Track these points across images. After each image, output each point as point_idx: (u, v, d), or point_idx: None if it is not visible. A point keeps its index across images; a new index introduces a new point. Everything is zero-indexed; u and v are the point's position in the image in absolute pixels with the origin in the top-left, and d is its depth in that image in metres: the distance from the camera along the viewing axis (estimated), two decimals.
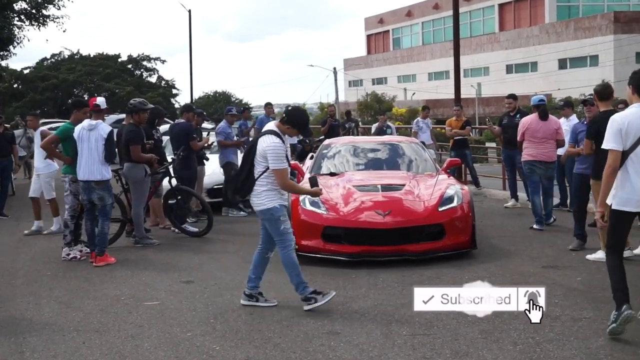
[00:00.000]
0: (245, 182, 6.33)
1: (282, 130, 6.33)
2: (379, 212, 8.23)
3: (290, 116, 6.35)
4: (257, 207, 6.38)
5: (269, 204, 6.32)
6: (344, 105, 60.08)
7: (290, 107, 6.60)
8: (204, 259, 8.78)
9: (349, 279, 7.50)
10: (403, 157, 10.50)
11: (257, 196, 6.34)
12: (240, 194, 6.41)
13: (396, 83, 69.43)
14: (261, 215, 6.39)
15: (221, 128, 12.59)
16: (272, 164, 6.18)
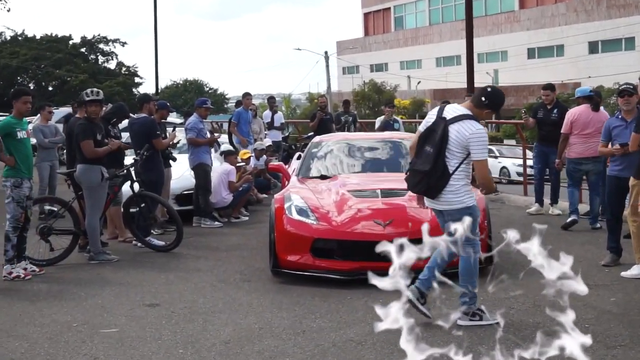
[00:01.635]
0: (441, 179, 6.32)
1: (479, 114, 6.38)
2: (378, 222, 8.24)
3: (492, 98, 6.36)
4: (453, 206, 6.36)
5: (469, 202, 6.37)
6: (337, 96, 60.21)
7: (489, 87, 6.59)
8: (172, 278, 8.75)
9: (343, 300, 7.50)
10: (406, 156, 10.49)
11: (454, 193, 6.35)
12: (431, 194, 6.42)
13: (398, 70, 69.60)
14: (456, 214, 6.24)
15: (192, 123, 12.55)
16: (477, 154, 6.25)
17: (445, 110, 6.44)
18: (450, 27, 65.23)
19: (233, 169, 13.28)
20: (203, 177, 12.35)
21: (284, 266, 8.41)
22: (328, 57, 62.95)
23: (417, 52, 69.81)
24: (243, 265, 9.29)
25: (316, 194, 8.98)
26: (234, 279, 8.59)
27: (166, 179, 12.12)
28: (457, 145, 6.29)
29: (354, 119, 18.57)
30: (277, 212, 8.64)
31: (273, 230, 8.58)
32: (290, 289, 8.04)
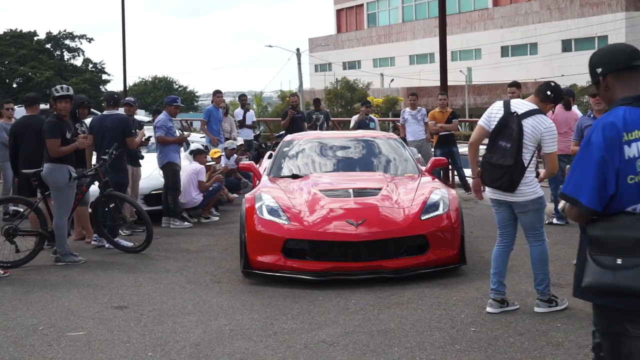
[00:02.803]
0: (521, 172, 6.73)
1: (543, 108, 6.81)
2: (350, 222, 8.27)
3: (557, 91, 6.84)
4: (528, 197, 6.79)
5: (540, 192, 6.83)
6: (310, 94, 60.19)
7: (551, 82, 7.00)
8: (141, 280, 8.72)
9: (314, 301, 7.52)
10: (379, 156, 10.55)
11: (528, 185, 6.78)
12: (512, 187, 6.77)
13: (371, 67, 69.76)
14: (530, 205, 6.81)
15: (161, 121, 12.49)
16: (549, 147, 6.70)
17: (512, 105, 6.80)
18: (423, 25, 65.51)
19: (203, 168, 13.25)
20: (172, 176, 12.30)
21: (255, 267, 8.41)
22: (300, 54, 62.93)
23: (390, 49, 70.03)
24: (213, 266, 9.28)
25: (288, 194, 8.99)
26: (204, 280, 8.58)
27: (135, 179, 12.07)
28: (531, 139, 6.70)
29: (326, 117, 18.59)
30: (247, 212, 8.64)
31: (244, 231, 8.57)
32: (261, 290, 8.05)
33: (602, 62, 3.58)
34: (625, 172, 3.41)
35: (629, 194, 3.42)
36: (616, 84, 3.55)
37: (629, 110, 3.46)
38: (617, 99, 3.55)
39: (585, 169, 3.46)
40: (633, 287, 3.30)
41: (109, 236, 10.47)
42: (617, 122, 3.43)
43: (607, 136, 3.42)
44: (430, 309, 7.14)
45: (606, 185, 3.42)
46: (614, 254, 3.37)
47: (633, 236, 3.35)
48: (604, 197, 3.43)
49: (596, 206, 3.43)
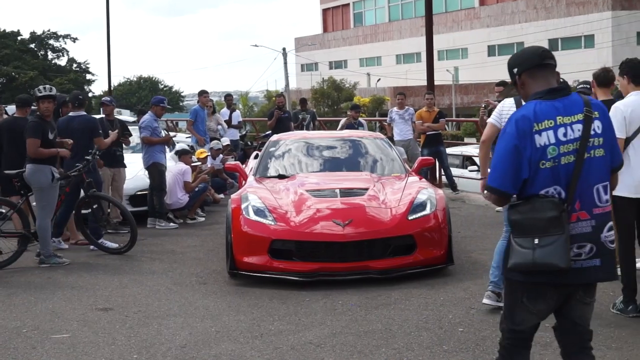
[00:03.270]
0: None
1: None
2: (337, 222, 8.26)
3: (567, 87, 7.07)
4: None
5: None
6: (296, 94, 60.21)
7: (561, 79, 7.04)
8: (126, 281, 8.69)
9: (301, 302, 7.51)
10: (366, 155, 10.55)
11: None
12: None
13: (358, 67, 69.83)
14: None
15: (146, 122, 12.46)
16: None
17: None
18: (410, 24, 65.61)
19: (188, 168, 13.21)
20: (157, 177, 12.27)
21: (241, 268, 8.39)
22: (286, 54, 62.94)
23: (377, 49, 70.10)
24: (199, 268, 9.25)
25: (274, 194, 8.98)
26: (190, 282, 8.55)
27: (119, 179, 12.02)
28: None
29: (312, 117, 18.59)
30: (234, 213, 8.62)
31: (230, 232, 8.55)
32: (247, 291, 8.03)
33: (517, 63, 4.06)
34: (537, 159, 3.85)
35: (541, 179, 3.87)
36: (530, 81, 4.02)
37: (540, 103, 3.92)
38: (531, 94, 4.01)
39: (500, 157, 3.92)
40: (548, 262, 3.79)
41: (92, 238, 10.42)
42: (528, 115, 3.89)
43: (519, 127, 3.88)
44: (417, 309, 7.14)
45: (520, 171, 3.87)
46: (531, 234, 3.84)
47: (545, 216, 3.81)
48: (517, 182, 3.90)
49: (509, 189, 3.93)
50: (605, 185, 3.97)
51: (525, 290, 3.97)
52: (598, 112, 3.97)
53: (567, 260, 3.80)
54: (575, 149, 3.88)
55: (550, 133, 3.87)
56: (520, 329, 4.07)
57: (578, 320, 4.09)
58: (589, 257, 3.92)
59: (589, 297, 4.06)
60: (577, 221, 3.90)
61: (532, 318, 4.04)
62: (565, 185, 3.88)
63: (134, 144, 13.69)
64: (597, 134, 3.94)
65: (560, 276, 3.87)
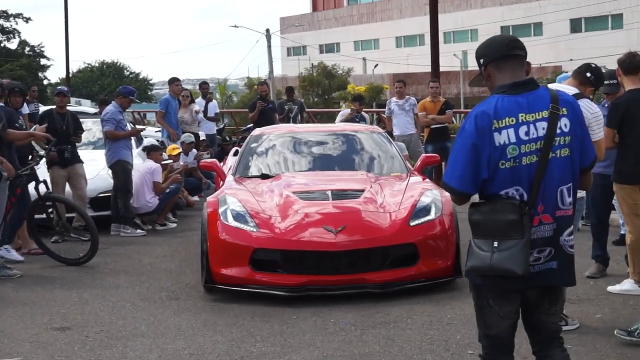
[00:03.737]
0: None
1: (585, 93, 7.02)
2: (328, 229, 8.26)
3: (597, 73, 7.18)
4: None
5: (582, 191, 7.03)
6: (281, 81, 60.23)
7: (591, 64, 7.23)
8: (86, 297, 8.67)
9: (288, 321, 7.51)
10: (361, 152, 10.56)
11: None
12: None
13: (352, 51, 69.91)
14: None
15: (109, 113, 12.43)
16: (597, 133, 6.79)
17: None
18: (411, 2, 65.75)
19: (158, 167, 13.18)
20: (123, 176, 12.24)
21: (218, 281, 8.38)
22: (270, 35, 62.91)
23: (374, 30, 70.18)
24: (170, 281, 9.24)
25: (256, 196, 8.97)
26: (160, 297, 8.54)
27: (78, 177, 11.89)
28: None
29: (300, 108, 18.59)
30: (210, 218, 8.61)
31: (205, 240, 8.54)
32: (225, 307, 8.02)
33: (483, 53, 4.25)
34: (496, 158, 4.03)
35: (501, 179, 4.06)
36: (496, 73, 4.18)
37: (502, 98, 4.08)
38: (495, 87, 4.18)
39: (458, 155, 4.11)
40: (505, 267, 4.00)
41: (45, 246, 10.38)
42: (488, 111, 4.06)
43: (478, 124, 4.05)
44: (421, 328, 7.14)
45: (479, 171, 4.06)
46: (491, 237, 4.06)
47: (505, 219, 4.01)
48: (477, 182, 4.09)
49: (468, 189, 4.14)
50: (569, 187, 4.17)
51: (489, 292, 4.19)
52: (566, 109, 4.12)
53: (525, 267, 3.99)
54: (538, 148, 4.05)
55: (510, 131, 4.03)
56: (493, 333, 4.27)
57: (542, 326, 4.31)
58: (547, 260, 4.15)
59: (554, 307, 4.30)
60: (539, 225, 4.10)
61: (503, 321, 4.22)
62: (528, 186, 4.06)
63: (95, 139, 13.65)
64: (563, 132, 4.10)
65: (515, 281, 4.07)
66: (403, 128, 15.64)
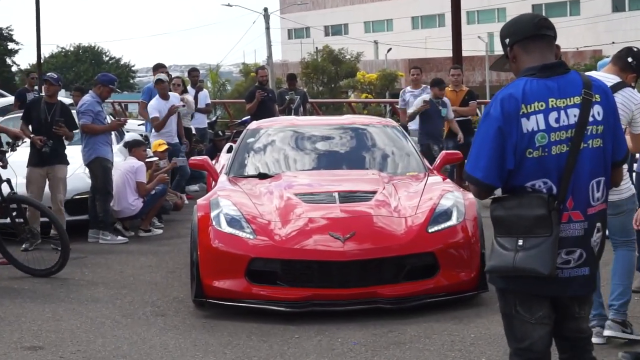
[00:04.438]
0: None
1: (627, 80, 6.98)
2: (335, 236, 8.26)
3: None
4: (621, 195, 6.80)
5: (632, 188, 7.02)
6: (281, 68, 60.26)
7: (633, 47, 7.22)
8: (60, 312, 8.69)
9: (289, 340, 7.53)
10: (373, 149, 10.56)
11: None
12: None
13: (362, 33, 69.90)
14: (625, 205, 6.89)
15: (86, 104, 12.41)
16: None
17: None
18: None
19: (142, 165, 13.16)
20: (102, 176, 12.23)
21: (210, 295, 8.39)
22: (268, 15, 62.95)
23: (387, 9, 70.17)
24: (156, 295, 9.26)
25: (253, 199, 8.98)
26: (144, 313, 8.56)
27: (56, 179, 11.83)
28: (622, 119, 6.71)
29: (303, 98, 18.58)
30: (200, 224, 8.62)
31: (196, 248, 8.55)
32: (218, 325, 8.03)
33: (509, 33, 4.33)
34: (523, 147, 4.12)
35: (528, 170, 4.15)
36: (522, 54, 4.29)
37: (530, 81, 4.17)
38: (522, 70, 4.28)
39: (483, 144, 4.19)
40: (529, 267, 4.07)
41: (9, 253, 10.37)
42: (515, 94, 4.15)
43: (504, 108, 4.14)
44: (440, 349, 7.16)
45: (504, 160, 4.14)
46: (515, 234, 4.12)
47: (532, 214, 4.08)
48: (502, 172, 4.16)
49: (493, 181, 4.19)
50: (599, 181, 4.24)
51: (515, 297, 4.26)
52: (600, 96, 4.21)
53: (551, 267, 4.06)
54: (569, 137, 4.14)
55: (539, 117, 4.13)
56: (525, 346, 4.27)
57: (570, 334, 4.38)
58: (578, 264, 4.21)
59: (584, 311, 4.39)
60: (568, 222, 4.18)
61: (535, 330, 4.25)
62: (557, 178, 4.14)
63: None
64: (596, 120, 4.18)
65: (543, 285, 4.16)
66: None
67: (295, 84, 19.32)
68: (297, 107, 18.04)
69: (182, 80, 17.53)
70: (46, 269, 10.30)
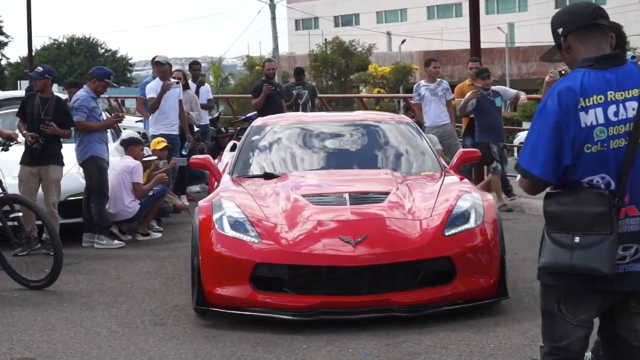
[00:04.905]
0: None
1: None
2: (346, 240, 8.26)
3: None
4: None
5: None
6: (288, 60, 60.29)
7: None
8: (53, 322, 8.70)
9: (296, 351, 7.53)
10: (386, 147, 10.55)
11: None
12: None
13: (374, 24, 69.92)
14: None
15: (80, 100, 12.42)
16: None
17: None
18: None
19: (138, 164, 13.15)
20: (97, 176, 12.24)
21: (212, 303, 8.40)
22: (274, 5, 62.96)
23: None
24: (154, 303, 9.27)
25: (258, 200, 8.98)
26: (142, 322, 8.57)
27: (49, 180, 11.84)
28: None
29: (311, 93, 18.56)
30: (202, 227, 8.62)
31: (197, 253, 8.55)
32: (221, 335, 8.03)
33: (562, 22, 4.41)
34: (581, 141, 4.21)
35: (585, 165, 4.24)
36: (577, 44, 4.36)
37: (588, 73, 4.26)
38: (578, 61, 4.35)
39: (540, 138, 4.27)
40: (589, 266, 4.16)
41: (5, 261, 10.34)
42: (573, 87, 4.24)
43: (562, 102, 4.23)
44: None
45: (562, 155, 4.23)
46: (571, 231, 4.21)
47: (591, 211, 4.17)
48: (559, 168, 4.25)
49: (550, 177, 4.28)
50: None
51: (562, 295, 4.36)
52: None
53: (612, 265, 4.16)
54: (627, 131, 4.22)
55: (598, 111, 4.21)
56: (562, 345, 4.37)
57: (624, 333, 4.41)
58: (634, 260, 4.30)
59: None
60: (625, 217, 4.27)
61: (576, 331, 4.35)
62: (615, 174, 4.24)
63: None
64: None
65: (596, 281, 4.24)
66: (435, 118, 15.60)
67: (303, 78, 19.31)
68: (305, 102, 18.04)
69: (183, 74, 17.51)
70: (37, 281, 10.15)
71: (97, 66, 13.47)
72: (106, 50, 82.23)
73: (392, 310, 8.16)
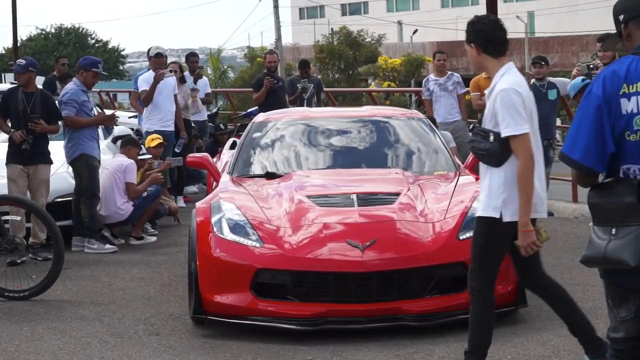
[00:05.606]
0: None
1: None
2: (353, 244, 8.27)
3: None
4: None
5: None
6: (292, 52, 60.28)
7: None
8: (40, 331, 8.72)
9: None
10: (396, 145, 10.56)
11: None
12: None
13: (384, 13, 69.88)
14: None
15: (69, 94, 12.41)
16: None
17: None
18: None
19: (131, 163, 13.14)
20: (87, 176, 12.25)
21: (211, 311, 8.41)
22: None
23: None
24: (149, 311, 9.29)
25: (260, 202, 9.00)
26: (136, 331, 8.58)
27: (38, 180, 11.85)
28: None
29: (317, 87, 18.54)
30: (200, 230, 8.64)
31: (194, 258, 8.57)
32: (220, 345, 8.05)
33: (624, 8, 4.48)
34: (621, 128, 4.37)
35: (626, 153, 4.39)
36: (638, 32, 4.44)
37: (638, 60, 4.38)
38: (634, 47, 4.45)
39: (582, 123, 4.42)
40: (617, 258, 4.29)
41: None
42: (619, 71, 4.38)
43: (606, 86, 4.38)
44: None
45: (605, 141, 4.38)
46: (610, 223, 4.36)
47: (622, 202, 4.32)
48: (604, 155, 4.39)
49: (593, 164, 4.41)
50: None
51: (609, 290, 4.54)
52: None
53: (638, 258, 4.26)
54: None
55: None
56: (615, 336, 4.56)
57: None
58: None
59: None
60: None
61: (620, 327, 4.53)
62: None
63: None
64: None
65: (632, 279, 4.37)
66: (445, 114, 15.51)
67: (309, 71, 19.30)
68: (310, 97, 18.01)
69: (180, 67, 17.52)
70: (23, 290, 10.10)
71: (84, 57, 13.44)
72: (97, 41, 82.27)
73: (402, 319, 8.17)
